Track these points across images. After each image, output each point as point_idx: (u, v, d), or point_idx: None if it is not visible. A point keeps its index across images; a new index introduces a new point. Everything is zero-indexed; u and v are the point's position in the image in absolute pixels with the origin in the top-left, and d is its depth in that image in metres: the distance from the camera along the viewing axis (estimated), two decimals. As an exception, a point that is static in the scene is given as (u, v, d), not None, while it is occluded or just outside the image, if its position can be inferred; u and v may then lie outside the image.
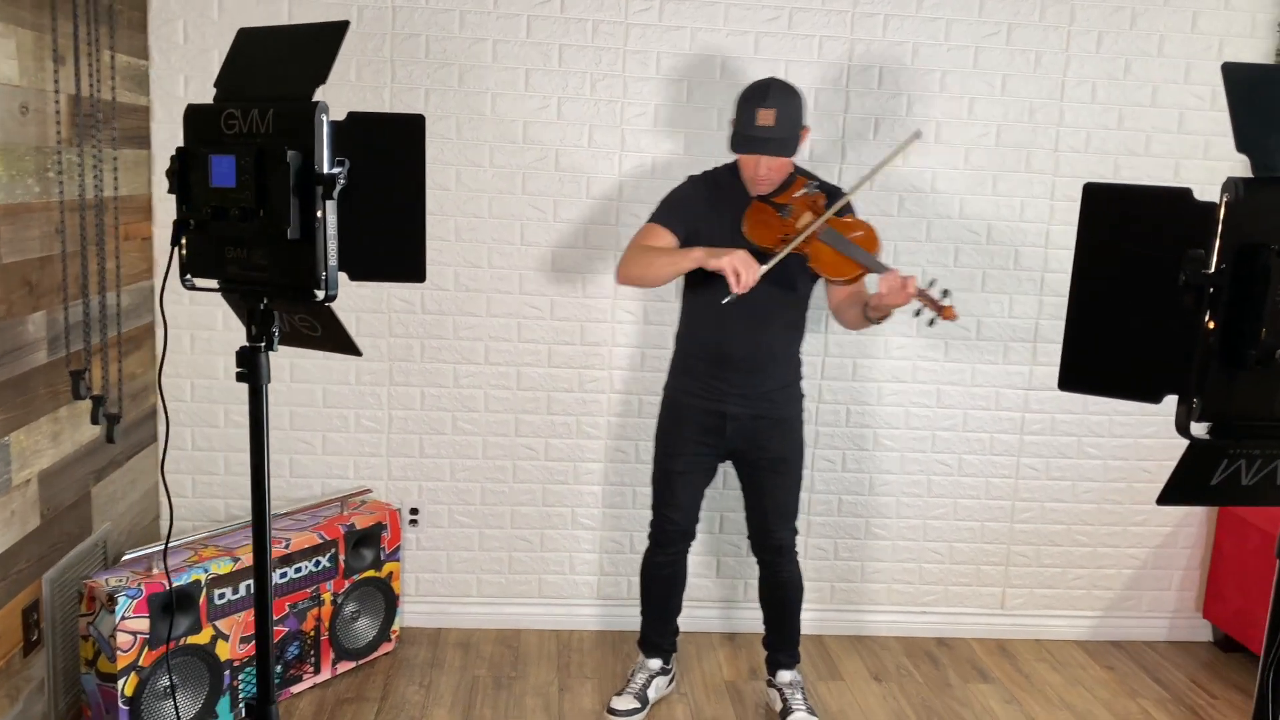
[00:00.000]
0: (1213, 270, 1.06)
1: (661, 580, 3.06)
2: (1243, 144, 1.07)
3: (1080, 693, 3.34)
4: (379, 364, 3.39)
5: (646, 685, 3.06)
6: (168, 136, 3.22)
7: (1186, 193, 1.11)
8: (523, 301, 3.40)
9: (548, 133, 3.31)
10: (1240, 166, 3.46)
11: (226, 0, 3.17)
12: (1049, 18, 3.35)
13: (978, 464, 3.60)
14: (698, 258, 2.64)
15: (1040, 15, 3.34)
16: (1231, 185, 1.06)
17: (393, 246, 1.42)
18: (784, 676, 3.09)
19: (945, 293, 2.61)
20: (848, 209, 2.77)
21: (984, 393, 3.56)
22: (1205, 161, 3.46)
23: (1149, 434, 3.61)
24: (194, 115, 1.47)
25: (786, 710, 3.01)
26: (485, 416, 3.45)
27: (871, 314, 2.72)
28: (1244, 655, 3.64)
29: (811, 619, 3.63)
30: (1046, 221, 3.48)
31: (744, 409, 2.88)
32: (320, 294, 1.44)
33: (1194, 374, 1.07)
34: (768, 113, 2.66)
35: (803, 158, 3.35)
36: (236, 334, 3.33)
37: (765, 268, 2.63)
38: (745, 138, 2.69)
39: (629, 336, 3.44)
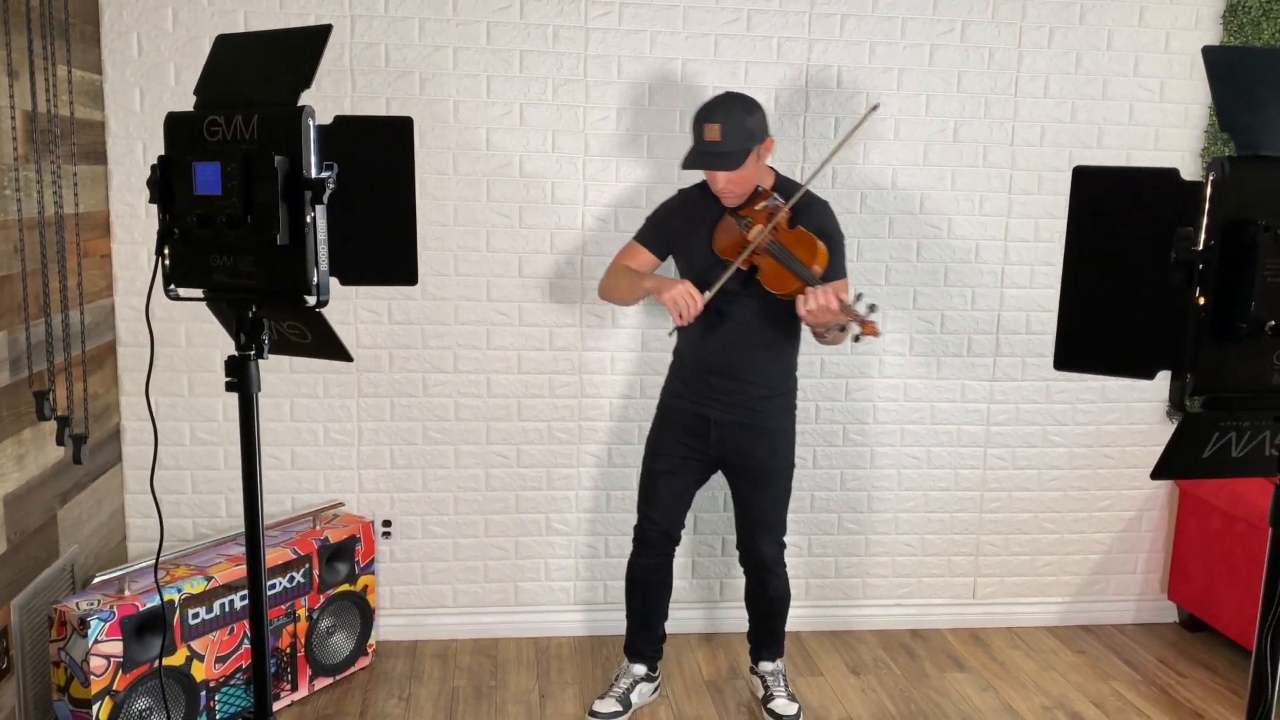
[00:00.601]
0: (1201, 247, 1.09)
1: (644, 584, 3.06)
2: (1225, 123, 1.10)
3: (1054, 677, 3.39)
4: (347, 376, 3.36)
5: (630, 690, 3.06)
6: (123, 152, 3.17)
7: (1173, 172, 1.14)
8: (491, 308, 3.39)
9: (511, 139, 3.31)
10: (1187, 157, 3.54)
11: (181, 13, 3.13)
12: (1001, 15, 3.41)
13: (946, 456, 3.65)
14: (649, 288, 2.83)
15: (993, 13, 3.40)
16: (1218, 164, 1.09)
17: (384, 249, 1.41)
18: (766, 666, 3.12)
19: (872, 308, 2.60)
20: (816, 215, 2.80)
21: (950, 385, 3.61)
22: (1155, 152, 3.54)
23: (1111, 420, 3.68)
24: (174, 123, 1.45)
25: (769, 697, 3.04)
26: (456, 425, 3.43)
27: (814, 333, 2.75)
28: (1210, 634, 3.72)
29: (789, 616, 3.65)
30: (1005, 215, 3.53)
31: (727, 415, 2.90)
32: (311, 300, 1.43)
33: (1187, 349, 1.09)
34: (714, 128, 2.72)
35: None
36: (201, 350, 3.28)
37: (708, 295, 2.74)
38: (695, 153, 2.77)
39: (598, 340, 3.44)
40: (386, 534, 3.46)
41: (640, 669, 3.11)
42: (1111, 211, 1.15)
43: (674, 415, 2.98)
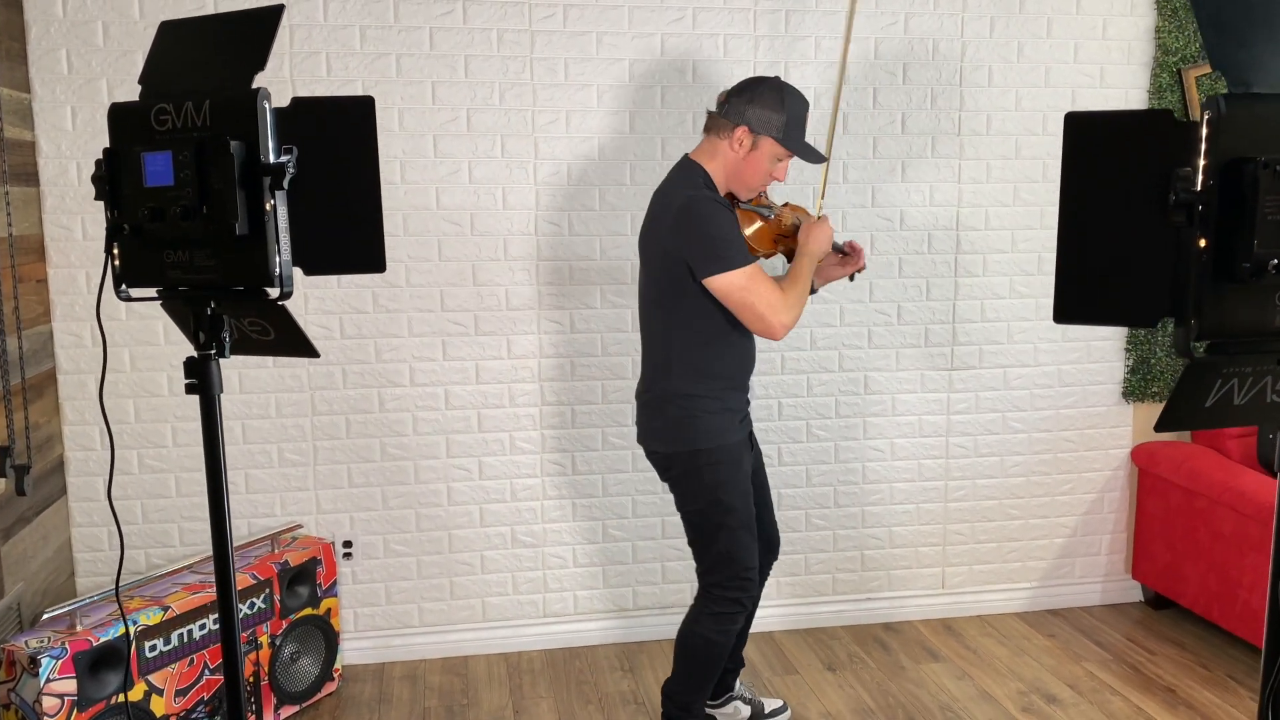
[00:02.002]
0: (1200, 188, 1.08)
1: (749, 612, 2.80)
2: (1216, 62, 1.09)
3: (1027, 662, 3.39)
4: (299, 394, 3.27)
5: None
6: (56, 173, 3.06)
7: (1168, 114, 1.13)
8: (445, 319, 3.32)
9: (459, 145, 3.25)
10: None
11: (112, 28, 3.03)
12: (943, 5, 3.44)
13: (909, 447, 3.65)
14: (809, 269, 2.62)
15: (934, 4, 3.43)
16: (1213, 103, 1.08)
17: (349, 236, 1.35)
18: (739, 684, 3.05)
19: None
20: None
21: (909, 376, 3.61)
22: (1099, 137, 3.59)
23: (1068, 404, 3.71)
24: (120, 114, 1.38)
25: (759, 708, 3.00)
26: (414, 440, 3.36)
27: (817, 285, 2.81)
28: (1175, 610, 3.76)
29: (760, 615, 3.61)
30: (955, 205, 3.56)
31: (749, 424, 2.80)
32: (274, 292, 1.36)
33: (1190, 293, 1.08)
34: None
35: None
36: (145, 374, 3.17)
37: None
38: (810, 148, 2.62)
39: (556, 346, 3.39)
40: (348, 555, 3.37)
41: (738, 706, 3.00)
42: (1106, 157, 1.14)
43: (739, 452, 2.63)
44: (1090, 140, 1.15)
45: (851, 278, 2.85)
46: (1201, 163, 1.09)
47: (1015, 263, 3.61)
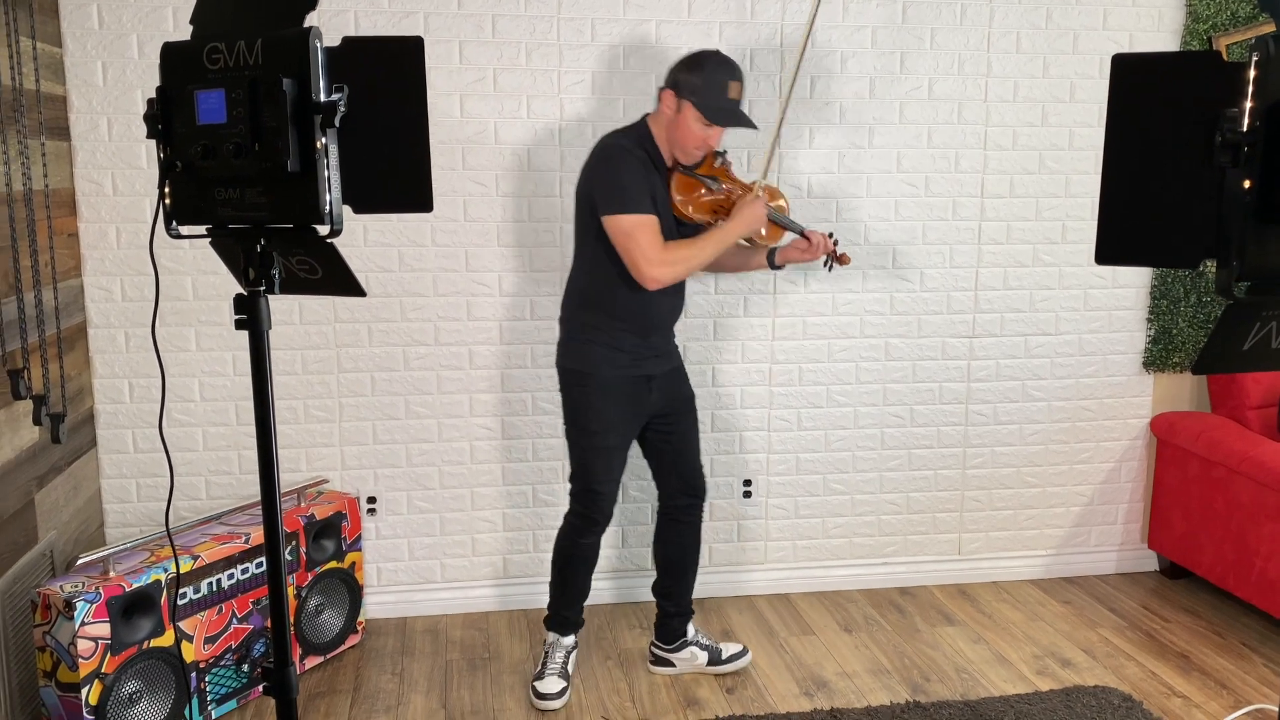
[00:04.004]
0: (1246, 129, 1.09)
1: (586, 562, 2.99)
2: (1264, 4, 1.10)
3: (1042, 627, 3.42)
4: (326, 351, 3.31)
5: (566, 662, 3.02)
6: (87, 128, 3.08)
7: (1215, 55, 1.14)
8: (470, 279, 3.34)
9: (485, 105, 3.26)
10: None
11: (142, -18, 3.05)
12: (972, -29, 3.42)
13: (928, 414, 3.67)
14: (735, 231, 2.78)
15: (963, -32, 3.41)
16: (1262, 44, 1.09)
17: (397, 175, 1.37)
18: (693, 630, 3.11)
19: (836, 243, 2.97)
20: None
21: (930, 343, 3.62)
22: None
23: (1089, 373, 3.72)
24: (172, 53, 1.40)
25: (717, 653, 3.10)
26: (439, 399, 3.39)
27: (779, 262, 2.99)
28: (1190, 580, 3.78)
29: (777, 577, 3.66)
30: (980, 172, 3.55)
31: (663, 366, 2.91)
32: (324, 229, 1.39)
33: (1233, 234, 1.09)
34: (738, 85, 2.70)
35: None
36: (174, 329, 3.21)
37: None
38: (723, 110, 2.68)
39: (580, 308, 3.41)
40: (371, 510, 3.41)
41: (571, 640, 3.04)
42: (1152, 99, 1.14)
43: (617, 386, 2.83)
44: (1137, 82, 1.16)
45: (829, 268, 2.99)
46: (1248, 104, 1.09)
47: (1039, 230, 3.61)
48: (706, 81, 2.66)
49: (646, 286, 2.69)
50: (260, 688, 2.96)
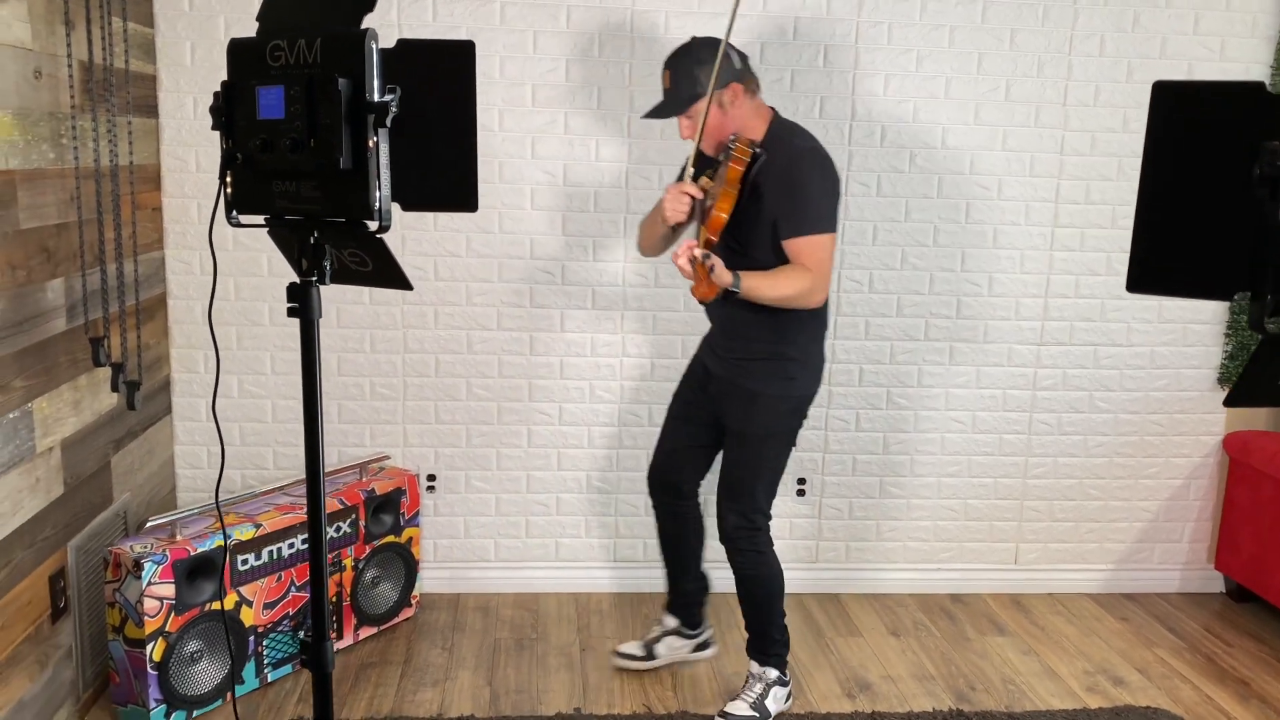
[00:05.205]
0: (1287, 162, 1.07)
1: (658, 530, 3.02)
2: None
3: (1096, 642, 3.36)
4: (393, 331, 3.39)
5: (657, 640, 3.06)
6: (174, 106, 3.20)
7: (1259, 86, 1.12)
8: (534, 266, 3.39)
9: (557, 95, 3.30)
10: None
11: (231, -34, 3.15)
12: (1057, -29, 3.34)
13: (991, 420, 3.62)
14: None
15: (1048, -32, 3.34)
16: None
17: (444, 175, 1.41)
18: (752, 665, 2.87)
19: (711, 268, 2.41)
20: (777, 166, 2.55)
21: (997, 349, 3.57)
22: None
23: (1160, 387, 3.63)
24: (238, 49, 1.46)
25: (732, 696, 2.91)
26: (499, 382, 3.45)
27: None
28: (1258, 605, 3.68)
29: (828, 578, 3.65)
30: (1056, 176, 3.48)
31: (719, 369, 2.78)
32: (373, 225, 1.44)
33: (1269, 269, 1.07)
34: (666, 74, 2.63)
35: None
36: (248, 304, 3.32)
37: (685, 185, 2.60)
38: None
39: (641, 300, 3.44)
40: (431, 488, 3.49)
41: (671, 621, 3.09)
42: (1192, 127, 1.12)
43: (693, 361, 2.94)
44: (1178, 109, 1.13)
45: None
46: None
47: (1115, 239, 3.53)
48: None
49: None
50: (315, 654, 3.06)
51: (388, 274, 1.49)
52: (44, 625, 2.49)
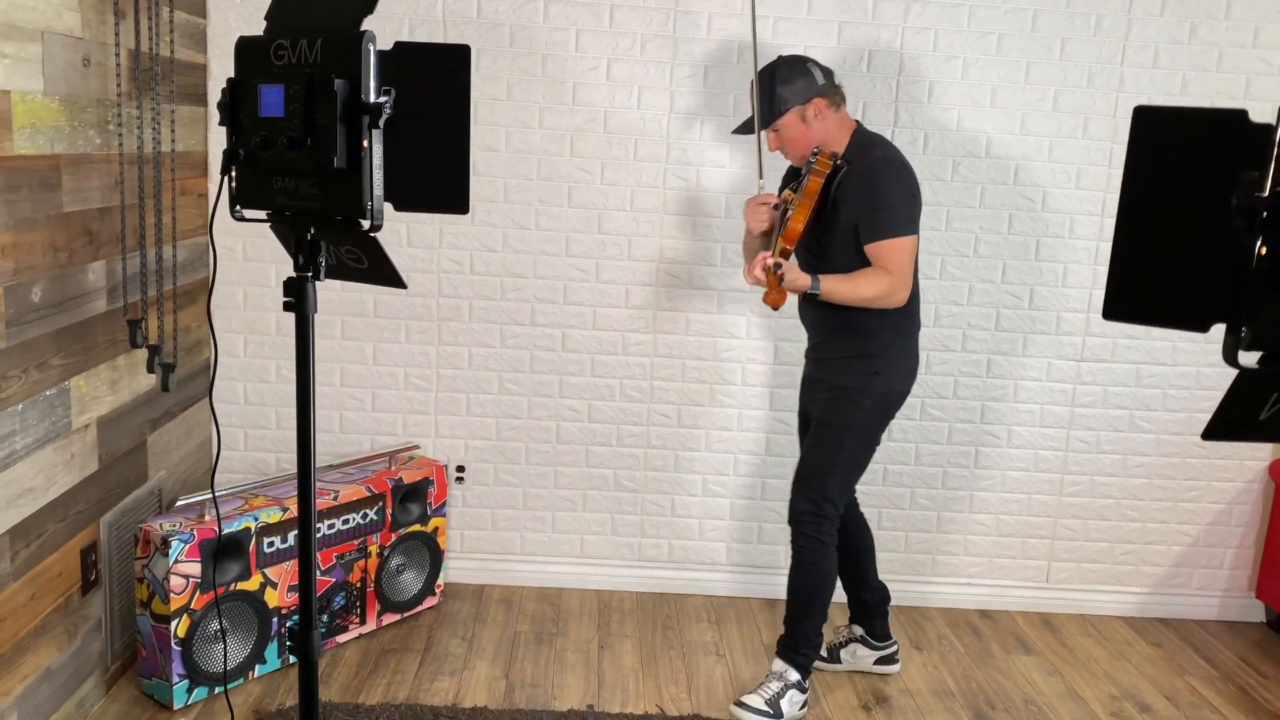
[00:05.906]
0: (1267, 193, 1.04)
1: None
2: None
3: (1125, 667, 3.29)
4: (428, 323, 3.43)
5: (843, 644, 3.13)
6: (224, 95, 3.26)
7: (1243, 114, 1.08)
8: (569, 264, 3.41)
9: (597, 94, 3.31)
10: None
11: (282, -41, 3.20)
12: (1111, -21, 3.27)
13: (1027, 436, 3.56)
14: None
15: (1102, -23, 3.27)
16: None
17: (437, 176, 1.43)
18: (776, 665, 2.87)
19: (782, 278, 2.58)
20: (856, 176, 2.68)
21: (1035, 363, 3.51)
22: (1271, 129, 3.36)
23: (1205, 409, 3.53)
24: (245, 47, 1.49)
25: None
26: (530, 377, 3.48)
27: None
28: (1297, 636, 3.57)
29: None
30: (1103, 190, 3.40)
31: (814, 371, 2.93)
32: (366, 224, 1.46)
33: (1243, 301, 1.04)
34: (751, 90, 2.77)
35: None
36: (279, 290, 3.37)
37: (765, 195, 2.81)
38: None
39: (674, 300, 3.43)
40: (459, 479, 3.53)
41: (857, 629, 3.13)
42: (1173, 154, 1.09)
43: (801, 378, 3.02)
44: (1158, 135, 1.10)
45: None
46: (1271, 167, 1.03)
47: (1162, 255, 3.44)
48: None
49: None
50: (336, 639, 3.12)
51: (382, 272, 1.51)
52: (74, 597, 2.56)
